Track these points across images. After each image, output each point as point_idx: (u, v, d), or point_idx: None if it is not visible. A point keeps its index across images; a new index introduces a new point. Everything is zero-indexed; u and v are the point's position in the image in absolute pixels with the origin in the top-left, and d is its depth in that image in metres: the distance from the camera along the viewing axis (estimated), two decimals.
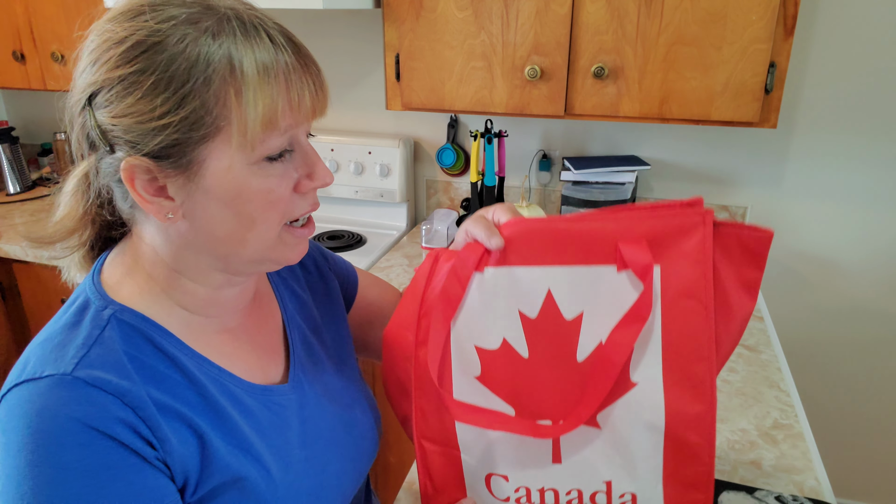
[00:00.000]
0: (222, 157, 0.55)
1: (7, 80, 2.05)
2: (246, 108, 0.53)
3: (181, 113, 0.53)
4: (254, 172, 0.56)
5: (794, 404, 1.14)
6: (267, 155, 0.56)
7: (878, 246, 1.73)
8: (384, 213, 2.04)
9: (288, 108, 0.55)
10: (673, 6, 1.35)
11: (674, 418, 0.64)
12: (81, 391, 0.52)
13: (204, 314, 0.65)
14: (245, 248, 0.60)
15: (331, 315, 0.82)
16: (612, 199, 1.65)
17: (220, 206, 0.57)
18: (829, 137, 1.67)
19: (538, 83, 1.50)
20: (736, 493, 0.92)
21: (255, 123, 0.54)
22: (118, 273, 0.62)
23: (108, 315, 0.58)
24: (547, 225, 0.65)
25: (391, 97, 1.64)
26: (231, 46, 0.53)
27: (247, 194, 0.56)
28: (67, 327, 0.57)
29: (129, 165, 0.55)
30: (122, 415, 0.53)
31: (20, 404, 0.52)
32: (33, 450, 0.51)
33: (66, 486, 0.50)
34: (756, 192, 1.77)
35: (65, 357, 0.54)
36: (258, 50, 0.54)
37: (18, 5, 1.92)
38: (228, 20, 0.54)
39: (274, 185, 0.57)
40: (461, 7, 1.48)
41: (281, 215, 0.59)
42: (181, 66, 0.52)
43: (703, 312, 0.62)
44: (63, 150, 2.25)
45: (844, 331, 1.84)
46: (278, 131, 0.56)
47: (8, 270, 1.97)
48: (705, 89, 1.39)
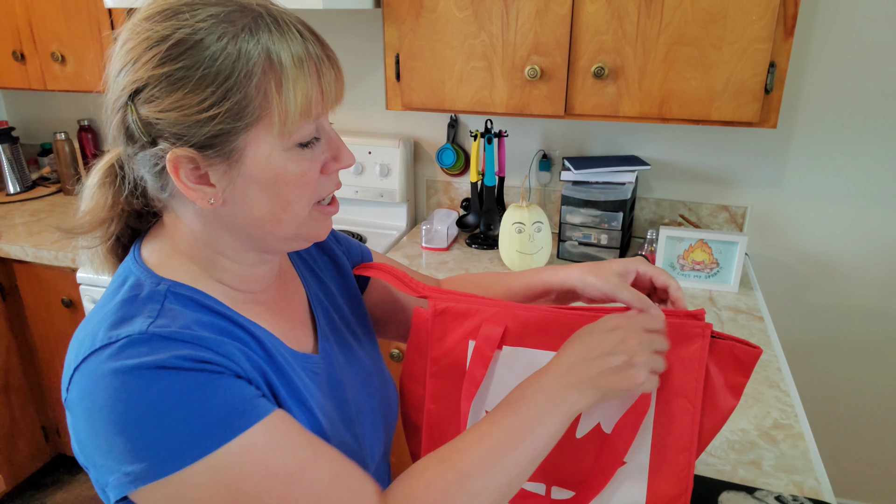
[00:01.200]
0: (262, 145, 0.59)
1: (7, 80, 2.05)
2: (286, 99, 0.58)
3: (226, 105, 0.56)
4: (289, 158, 0.61)
5: (794, 404, 1.14)
6: (300, 141, 0.61)
7: (878, 246, 1.73)
8: (384, 213, 2.04)
9: (320, 97, 0.60)
10: (673, 6, 1.35)
11: (653, 498, 0.72)
12: (160, 343, 0.55)
13: (241, 289, 0.68)
14: (280, 228, 0.64)
15: (346, 293, 0.85)
16: (612, 199, 1.65)
17: (258, 190, 0.61)
18: (829, 137, 1.67)
19: (538, 83, 1.50)
20: (736, 493, 0.92)
21: (294, 112, 0.58)
22: (159, 256, 0.66)
23: (164, 289, 0.62)
24: (564, 316, 0.74)
25: (391, 97, 1.64)
26: (268, 41, 0.57)
27: (284, 178, 0.61)
28: (125, 303, 0.60)
29: (175, 156, 0.58)
30: (202, 355, 0.56)
31: (102, 364, 0.54)
32: (124, 399, 0.53)
33: (162, 420, 0.53)
34: (756, 192, 1.77)
35: (135, 323, 0.57)
36: (292, 44, 0.58)
37: (18, 5, 1.92)
38: (262, 17, 0.58)
39: (306, 168, 0.62)
40: (461, 7, 1.48)
41: (311, 195, 0.64)
42: (224, 62, 0.56)
43: (691, 411, 0.71)
44: (63, 150, 2.25)
45: (844, 331, 1.84)
46: (311, 119, 0.60)
47: (8, 270, 1.97)
48: (705, 89, 1.39)
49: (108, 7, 1.67)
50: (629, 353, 0.66)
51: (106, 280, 1.74)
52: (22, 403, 2.10)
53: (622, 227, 1.66)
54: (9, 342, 2.04)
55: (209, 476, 0.53)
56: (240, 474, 0.54)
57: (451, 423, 0.78)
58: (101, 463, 0.54)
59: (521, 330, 0.75)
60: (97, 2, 1.83)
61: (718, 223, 1.82)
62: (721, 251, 1.57)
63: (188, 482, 0.53)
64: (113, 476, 0.53)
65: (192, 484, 0.53)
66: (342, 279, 0.86)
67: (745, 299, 1.54)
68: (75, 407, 0.56)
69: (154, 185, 0.63)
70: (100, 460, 0.54)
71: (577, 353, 0.67)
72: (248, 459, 0.55)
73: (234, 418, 0.55)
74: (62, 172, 2.29)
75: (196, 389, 0.54)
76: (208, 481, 0.53)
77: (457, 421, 0.77)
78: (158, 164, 0.60)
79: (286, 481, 0.56)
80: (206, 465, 0.53)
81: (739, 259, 1.54)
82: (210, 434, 0.54)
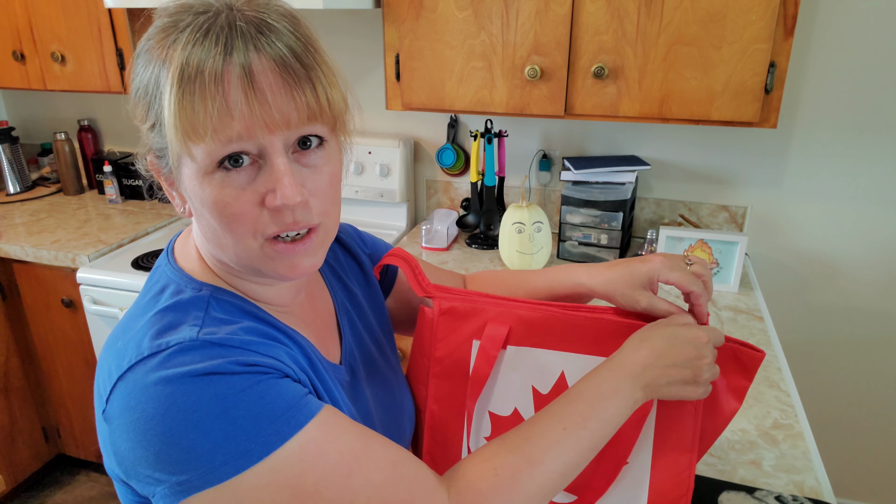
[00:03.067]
0: (188, 163, 0.55)
1: (7, 80, 2.05)
2: (166, 114, 0.53)
3: (150, 119, 0.56)
4: (210, 182, 0.54)
5: (794, 404, 1.14)
6: (214, 162, 0.54)
7: (878, 246, 1.73)
8: (384, 213, 2.04)
9: (227, 115, 0.52)
10: (673, 6, 1.35)
11: (655, 499, 0.72)
12: (211, 350, 0.54)
13: (267, 302, 0.66)
14: (230, 254, 0.59)
15: (370, 299, 0.84)
16: (612, 199, 1.65)
17: (199, 209, 0.58)
18: (829, 137, 1.67)
19: (538, 83, 1.50)
20: (736, 493, 0.92)
21: (171, 130, 0.53)
22: (192, 262, 0.64)
23: (206, 295, 0.60)
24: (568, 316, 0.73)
25: (391, 97, 1.64)
26: (177, 52, 0.52)
27: (206, 203, 0.56)
28: (168, 310, 0.58)
29: (150, 161, 0.60)
30: (253, 359, 0.55)
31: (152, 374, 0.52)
32: (180, 403, 0.51)
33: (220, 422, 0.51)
34: (756, 192, 1.77)
35: (182, 330, 0.55)
36: (203, 53, 0.51)
37: (18, 5, 1.92)
38: (204, 25, 0.53)
39: (230, 198, 0.55)
40: (461, 7, 1.48)
41: (248, 230, 0.56)
42: (148, 72, 0.55)
43: (694, 413, 0.71)
44: (63, 150, 2.25)
45: (844, 331, 1.84)
46: (212, 140, 0.52)
47: (8, 270, 1.97)
48: (705, 89, 1.39)
49: (108, 7, 1.67)
50: (699, 370, 0.67)
51: (106, 279, 1.74)
52: (22, 404, 2.10)
53: (622, 227, 1.66)
54: (9, 342, 2.04)
55: (270, 476, 0.52)
56: (301, 472, 0.53)
57: (453, 423, 0.78)
58: (147, 473, 0.52)
59: (526, 330, 0.74)
60: (97, 2, 1.83)
61: (718, 223, 1.82)
62: (721, 251, 1.56)
63: (247, 484, 0.51)
64: (161, 487, 0.52)
65: (251, 486, 0.52)
66: (368, 286, 0.84)
67: (745, 299, 1.54)
68: (117, 418, 0.53)
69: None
70: (145, 471, 0.52)
71: (652, 356, 0.66)
72: (308, 456, 0.54)
73: (289, 416, 0.54)
74: (62, 172, 2.29)
75: (248, 391, 0.53)
76: (269, 482, 0.52)
77: (459, 422, 0.77)
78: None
79: (346, 474, 0.55)
80: (266, 466, 0.52)
81: (739, 259, 1.54)
82: (268, 434, 0.52)
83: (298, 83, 0.54)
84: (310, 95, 0.55)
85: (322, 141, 0.59)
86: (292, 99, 0.54)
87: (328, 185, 0.59)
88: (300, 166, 0.57)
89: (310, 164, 0.58)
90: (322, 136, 0.58)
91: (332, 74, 0.58)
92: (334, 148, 0.61)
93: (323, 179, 0.59)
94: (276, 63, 0.53)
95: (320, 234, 0.61)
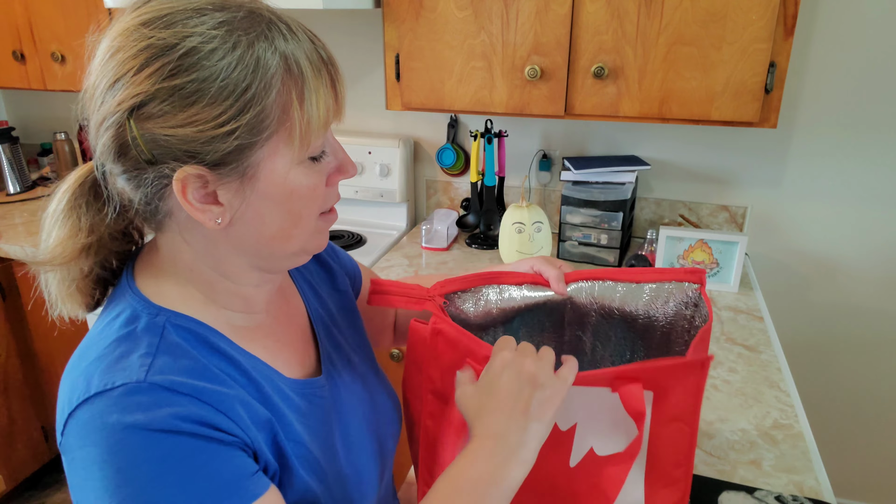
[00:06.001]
0: (278, 159, 0.56)
1: (7, 80, 2.05)
2: (308, 109, 0.55)
3: (245, 118, 0.53)
4: (303, 172, 0.58)
5: (794, 404, 1.14)
6: (313, 154, 0.59)
7: (878, 246, 1.73)
8: (384, 213, 2.04)
9: (336, 105, 0.59)
10: (673, 6, 1.35)
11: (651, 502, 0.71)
12: (159, 395, 0.52)
13: (243, 312, 0.66)
14: (289, 243, 0.62)
15: (343, 305, 0.84)
16: (612, 199, 1.64)
17: (272, 206, 0.58)
18: (829, 137, 1.67)
19: (538, 83, 1.50)
20: (736, 493, 0.92)
21: (317, 123, 0.57)
22: (156, 283, 0.61)
23: (162, 322, 0.58)
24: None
25: (391, 97, 1.64)
26: (285, 48, 0.54)
27: (298, 192, 0.59)
28: (122, 340, 0.56)
29: (185, 175, 0.53)
30: (201, 412, 0.53)
31: (97, 417, 0.51)
32: (118, 457, 0.50)
33: (154, 484, 0.50)
34: (756, 192, 1.77)
35: (132, 366, 0.53)
36: (307, 50, 0.56)
37: (18, 5, 1.92)
38: (273, 23, 0.55)
39: (317, 181, 0.60)
40: (461, 7, 1.48)
41: (319, 208, 0.62)
42: (242, 72, 0.52)
43: (688, 432, 0.69)
44: (63, 150, 2.25)
45: (844, 331, 1.84)
46: (328, 126, 0.59)
47: (8, 270, 1.97)
48: (705, 89, 1.39)
49: (109, 7, 1.67)
50: (531, 378, 0.64)
51: None
52: (21, 404, 2.10)
53: (622, 227, 1.66)
54: (8, 342, 2.04)
55: None
56: None
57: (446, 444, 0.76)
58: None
59: None
60: (97, 2, 1.83)
61: (718, 223, 1.82)
62: (721, 251, 1.56)
63: None
64: None
65: None
66: (337, 292, 0.84)
67: (745, 299, 1.54)
68: (71, 452, 0.53)
69: (145, 206, 0.58)
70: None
71: (494, 416, 0.63)
72: None
73: (229, 495, 0.53)
74: (62, 172, 2.28)
75: (192, 459, 0.52)
76: None
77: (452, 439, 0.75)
78: (159, 183, 0.55)
79: None
80: None
81: (739, 259, 1.54)
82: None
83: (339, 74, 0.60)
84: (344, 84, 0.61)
85: None
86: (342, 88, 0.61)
87: None
88: None
89: None
90: None
91: None
92: None
93: None
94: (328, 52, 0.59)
95: None
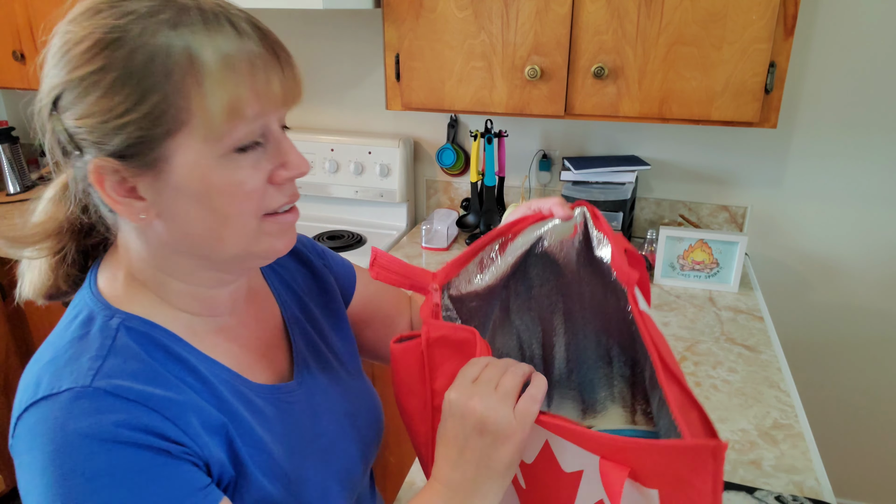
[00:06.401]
0: (188, 152, 0.53)
1: (7, 80, 2.05)
2: (208, 99, 0.52)
3: (143, 108, 0.51)
4: (223, 165, 0.54)
5: (794, 404, 1.14)
6: (236, 146, 0.54)
7: (878, 246, 1.73)
8: (384, 213, 2.04)
9: (254, 96, 0.54)
10: (673, 6, 1.35)
11: None
12: (103, 401, 0.51)
13: (200, 315, 0.63)
14: (224, 245, 0.58)
15: (328, 310, 0.81)
16: (612, 199, 1.65)
17: (191, 203, 0.55)
18: (829, 137, 1.67)
19: (538, 83, 1.50)
20: (736, 493, 0.92)
21: (219, 114, 0.52)
22: (113, 281, 0.61)
23: (116, 324, 0.57)
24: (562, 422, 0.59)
25: (391, 97, 1.64)
26: (190, 37, 0.52)
27: (217, 188, 0.55)
28: (75, 341, 0.56)
29: (97, 167, 0.53)
30: (147, 420, 0.52)
31: (42, 421, 0.51)
32: (61, 465, 0.49)
33: (98, 496, 0.49)
34: (756, 192, 1.77)
35: (80, 369, 0.53)
36: (220, 39, 0.52)
37: (18, 5, 1.92)
38: (188, 10, 0.52)
39: (245, 177, 0.55)
40: (461, 7, 1.48)
41: (256, 208, 0.57)
42: (140, 61, 0.51)
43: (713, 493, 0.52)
44: None
45: (844, 331, 1.84)
46: (245, 121, 0.54)
47: (8, 270, 1.97)
48: (705, 89, 1.39)
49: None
50: (477, 425, 0.56)
51: None
52: None
53: (622, 227, 1.66)
54: (8, 342, 2.04)
55: None
56: None
57: None
58: None
59: None
60: None
61: (718, 223, 1.82)
62: (721, 251, 1.56)
63: None
64: None
65: None
66: (323, 294, 0.81)
67: (745, 299, 1.54)
68: (18, 456, 0.52)
69: (98, 200, 0.58)
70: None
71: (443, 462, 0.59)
72: None
73: None
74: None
75: (138, 473, 0.50)
76: None
77: None
78: (87, 176, 0.55)
79: None
80: None
81: (739, 259, 1.54)
82: None
83: (289, 61, 0.56)
84: (297, 73, 0.57)
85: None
86: (292, 77, 0.57)
87: None
88: None
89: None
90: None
91: None
92: None
93: None
94: (269, 41, 0.55)
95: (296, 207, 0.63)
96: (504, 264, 0.75)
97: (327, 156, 1.97)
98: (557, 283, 0.78)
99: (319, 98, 2.05)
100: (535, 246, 0.75)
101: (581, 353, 0.80)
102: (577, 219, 0.73)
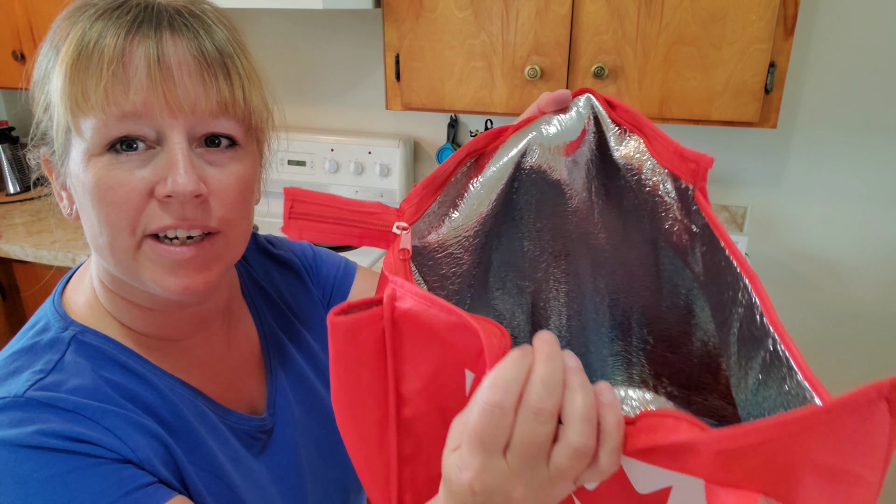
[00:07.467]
0: (74, 148, 0.50)
1: (7, 80, 2.05)
2: (55, 84, 0.49)
3: (40, 100, 0.52)
4: (97, 164, 0.49)
5: None
6: (105, 143, 0.48)
7: (878, 246, 1.73)
8: None
9: (122, 84, 0.47)
10: (673, 6, 1.35)
11: None
12: (34, 411, 0.49)
13: (157, 338, 0.58)
14: (108, 260, 0.52)
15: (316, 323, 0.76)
16: None
17: (81, 198, 0.51)
18: (829, 137, 1.67)
19: (538, 83, 1.50)
20: None
21: (59, 99, 0.48)
22: (75, 295, 0.59)
23: (68, 337, 0.54)
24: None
25: (391, 97, 1.64)
26: (72, 32, 0.49)
27: (89, 188, 0.49)
28: (23, 352, 0.53)
29: (38, 155, 0.55)
30: (77, 429, 0.49)
31: None
32: None
33: (32, 500, 0.47)
34: (756, 192, 1.77)
35: (19, 381, 0.50)
36: (106, 25, 0.48)
37: (18, 5, 1.92)
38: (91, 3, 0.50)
39: (114, 182, 0.49)
40: (461, 7, 1.48)
41: (129, 221, 0.49)
42: (41, 56, 0.52)
43: None
44: None
45: (845, 331, 1.84)
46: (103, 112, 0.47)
47: (8, 270, 1.97)
48: (705, 89, 1.39)
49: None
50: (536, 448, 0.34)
51: None
52: None
53: None
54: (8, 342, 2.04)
55: None
56: None
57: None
58: None
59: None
60: None
61: None
62: None
63: None
64: None
65: None
66: (313, 305, 0.75)
67: None
68: None
69: None
70: None
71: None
72: None
73: None
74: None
75: (59, 478, 0.47)
76: None
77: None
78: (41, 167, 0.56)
79: None
80: None
81: None
82: None
83: (211, 68, 0.49)
84: (223, 83, 0.50)
85: (233, 143, 0.53)
86: (202, 82, 0.49)
87: (234, 188, 0.52)
88: (203, 162, 0.51)
89: (215, 162, 0.52)
90: (234, 136, 0.52)
91: (254, 74, 0.53)
92: (248, 154, 0.55)
93: (228, 180, 0.52)
94: (190, 43, 0.49)
95: (218, 245, 0.53)
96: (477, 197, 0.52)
97: (327, 156, 1.97)
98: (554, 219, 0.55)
99: (319, 98, 2.05)
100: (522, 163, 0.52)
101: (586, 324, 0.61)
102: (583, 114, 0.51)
